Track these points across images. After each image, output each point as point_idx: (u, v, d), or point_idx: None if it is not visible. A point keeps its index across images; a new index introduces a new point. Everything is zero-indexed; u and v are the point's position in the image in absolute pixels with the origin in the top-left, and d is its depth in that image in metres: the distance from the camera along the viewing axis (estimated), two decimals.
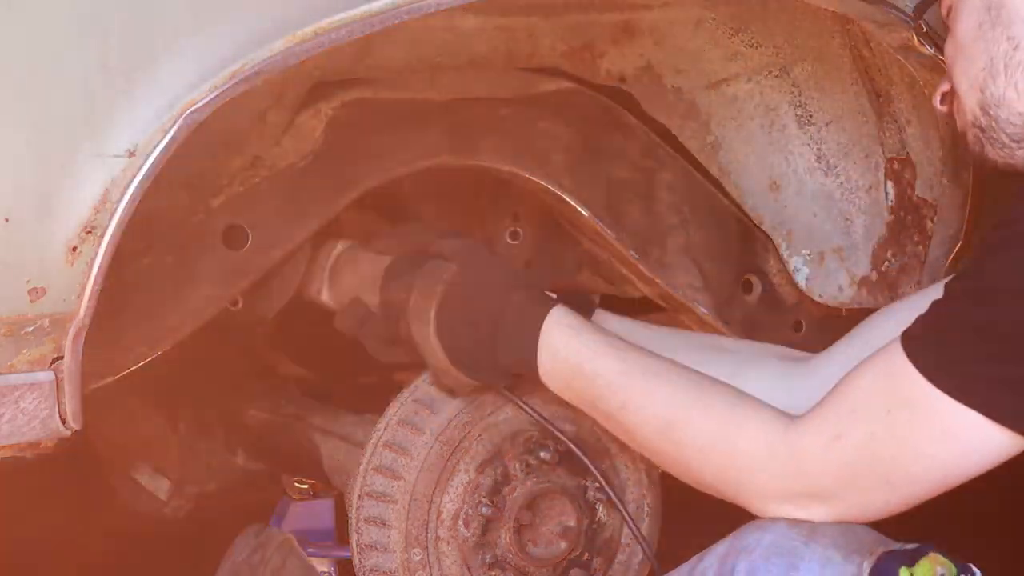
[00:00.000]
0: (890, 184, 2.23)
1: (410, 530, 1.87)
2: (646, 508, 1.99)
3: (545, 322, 1.79)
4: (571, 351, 1.77)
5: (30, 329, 1.65)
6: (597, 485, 1.93)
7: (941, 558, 1.67)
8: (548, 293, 1.85)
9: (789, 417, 1.68)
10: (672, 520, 2.06)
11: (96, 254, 1.65)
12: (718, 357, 2.00)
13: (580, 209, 2.10)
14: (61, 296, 1.65)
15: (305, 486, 2.23)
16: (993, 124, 1.74)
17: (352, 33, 1.69)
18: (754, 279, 2.24)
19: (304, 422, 2.19)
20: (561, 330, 1.79)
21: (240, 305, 2.39)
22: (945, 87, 1.82)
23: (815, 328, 2.30)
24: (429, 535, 1.88)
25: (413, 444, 1.89)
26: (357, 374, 2.81)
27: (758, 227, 2.22)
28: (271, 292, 2.04)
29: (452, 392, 1.90)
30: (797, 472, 1.65)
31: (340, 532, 2.13)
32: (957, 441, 1.58)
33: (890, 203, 2.23)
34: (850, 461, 1.62)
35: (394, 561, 1.88)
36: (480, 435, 1.89)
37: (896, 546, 1.65)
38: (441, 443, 1.88)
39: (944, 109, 1.83)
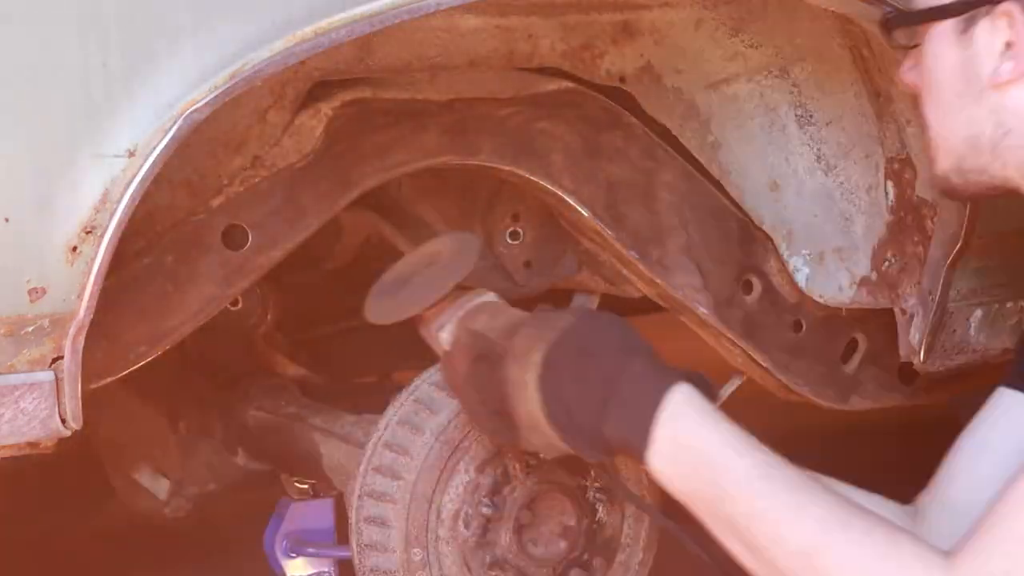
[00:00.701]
0: (890, 184, 2.23)
1: (410, 530, 1.87)
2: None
3: (669, 398, 1.57)
4: (700, 437, 1.55)
5: (30, 329, 1.65)
6: (597, 485, 1.94)
7: None
8: (672, 367, 1.62)
9: (945, 553, 1.47)
10: (671, 519, 2.06)
11: (96, 254, 1.65)
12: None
13: (580, 209, 2.10)
14: (61, 296, 1.65)
15: (305, 486, 2.23)
16: (967, 179, 1.73)
17: (352, 33, 1.69)
18: (754, 279, 2.24)
19: (304, 422, 2.19)
20: (690, 411, 1.57)
21: (240, 305, 2.40)
22: (911, 63, 1.78)
23: (815, 328, 2.30)
24: (429, 535, 1.88)
25: (413, 444, 1.89)
26: (357, 374, 2.82)
27: (758, 227, 2.22)
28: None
29: (536, 454, 1.75)
30: None
31: (340, 532, 2.13)
32: None
33: (890, 203, 2.23)
34: None
35: (394, 561, 1.88)
36: (480, 435, 1.89)
37: None
38: (441, 443, 1.88)
39: (909, 81, 1.79)
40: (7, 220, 1.61)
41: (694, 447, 1.56)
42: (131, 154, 1.64)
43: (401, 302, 1.86)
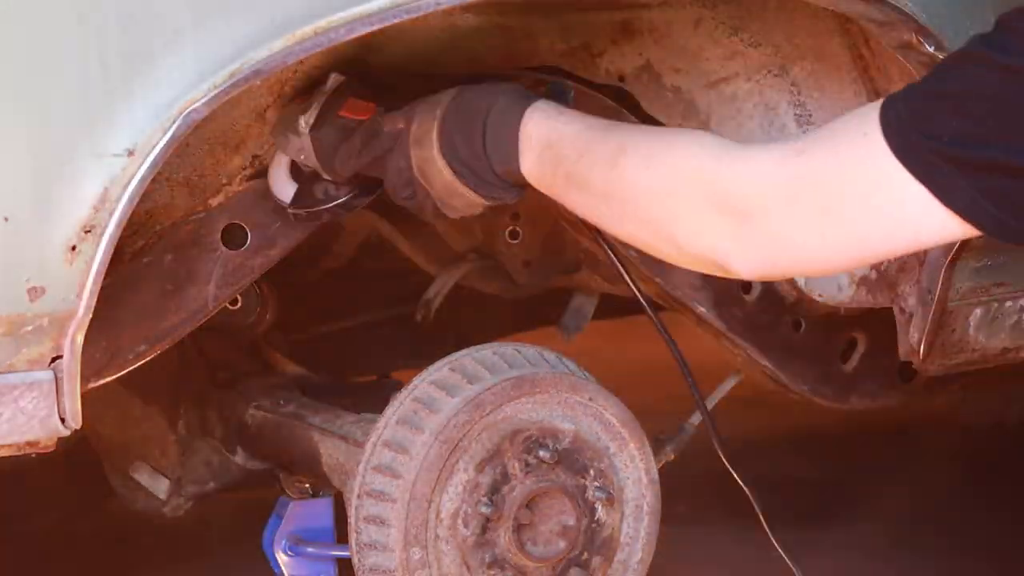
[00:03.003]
0: None
1: (409, 529, 1.87)
2: (645, 507, 1.99)
3: (527, 115, 1.79)
4: (543, 130, 1.77)
5: (29, 328, 1.65)
6: (597, 484, 1.94)
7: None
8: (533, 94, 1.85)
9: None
10: (672, 519, 2.07)
11: (95, 253, 1.65)
12: None
13: None
14: (60, 295, 1.65)
15: (304, 485, 2.23)
16: None
17: (351, 32, 1.69)
18: None
19: (303, 421, 2.19)
20: (537, 117, 1.78)
21: (239, 304, 2.40)
22: None
23: (814, 328, 2.30)
24: (428, 534, 1.88)
25: (412, 443, 1.89)
26: (356, 373, 2.82)
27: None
28: None
29: (463, 213, 1.89)
30: (743, 177, 1.61)
31: (339, 531, 2.13)
32: (900, 206, 1.55)
33: None
34: (801, 175, 1.59)
35: (393, 560, 1.88)
36: (479, 434, 1.89)
37: None
38: (440, 442, 1.88)
39: None
40: (7, 219, 1.61)
41: (541, 138, 1.76)
42: (130, 153, 1.64)
43: None
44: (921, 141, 1.54)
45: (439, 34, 1.95)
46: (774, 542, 1.87)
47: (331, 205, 1.96)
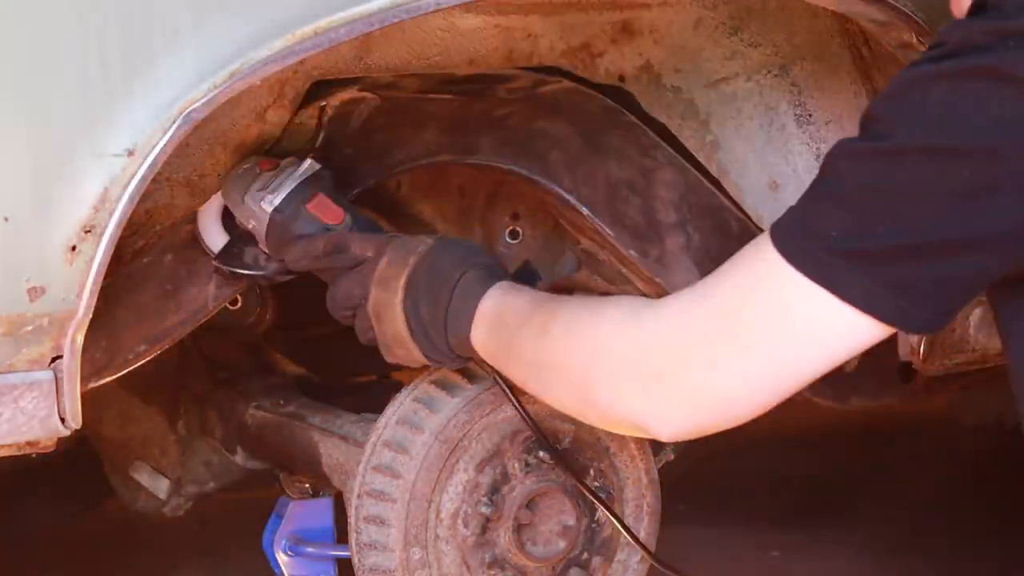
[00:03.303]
0: None
1: (409, 529, 1.87)
2: (645, 507, 1.99)
3: (486, 293, 1.78)
4: (495, 305, 1.76)
5: (29, 328, 1.65)
6: (597, 484, 1.94)
7: None
8: (503, 271, 1.84)
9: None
10: (672, 519, 2.07)
11: (95, 253, 1.65)
12: None
13: (579, 208, 2.10)
14: (60, 295, 1.65)
15: (304, 485, 2.23)
16: None
17: (351, 32, 1.69)
18: None
19: (303, 421, 2.19)
20: (495, 294, 1.77)
21: (239, 304, 2.40)
22: None
23: None
24: (428, 534, 1.88)
25: (412, 443, 1.89)
26: (356, 373, 2.81)
27: (758, 226, 2.22)
28: None
29: (398, 361, 1.88)
30: (654, 338, 1.59)
31: (339, 531, 2.13)
32: (809, 318, 1.51)
33: None
34: (707, 317, 1.56)
35: (393, 560, 1.88)
36: (479, 434, 1.89)
37: None
38: (440, 442, 1.88)
39: None
40: (6, 219, 1.61)
41: (498, 311, 1.76)
42: (130, 153, 1.64)
43: None
44: (811, 243, 1.51)
45: (439, 34, 1.95)
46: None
47: (257, 274, 1.94)
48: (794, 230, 1.53)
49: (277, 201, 1.86)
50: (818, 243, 1.51)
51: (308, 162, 1.89)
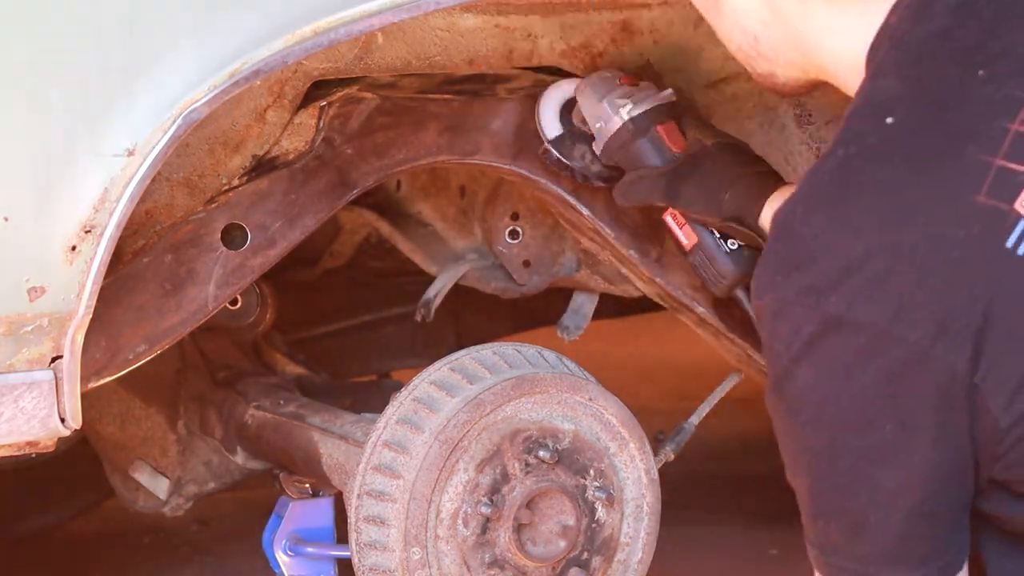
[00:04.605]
0: None
1: (409, 529, 1.87)
2: (645, 507, 1.99)
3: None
4: None
5: (29, 328, 1.65)
6: (597, 484, 1.94)
7: None
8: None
9: None
10: (672, 520, 2.07)
11: (95, 253, 1.65)
12: None
13: (579, 208, 2.11)
14: (60, 295, 1.65)
15: (304, 485, 2.23)
16: (771, 83, 1.80)
17: (351, 32, 1.69)
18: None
19: (303, 421, 2.19)
20: None
21: (239, 304, 2.40)
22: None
23: None
24: (428, 534, 1.88)
25: (412, 443, 1.89)
26: (356, 373, 2.82)
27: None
28: None
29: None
30: None
31: (339, 531, 2.13)
32: None
33: None
34: None
35: (393, 560, 1.88)
36: (479, 434, 1.89)
37: None
38: (440, 442, 1.88)
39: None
40: (6, 219, 1.61)
41: None
42: (130, 153, 1.64)
43: None
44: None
45: (439, 34, 1.95)
46: None
47: (579, 168, 2.04)
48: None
49: (637, 112, 1.98)
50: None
51: (670, 90, 2.01)
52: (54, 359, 1.68)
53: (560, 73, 2.09)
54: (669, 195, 1.96)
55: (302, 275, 2.67)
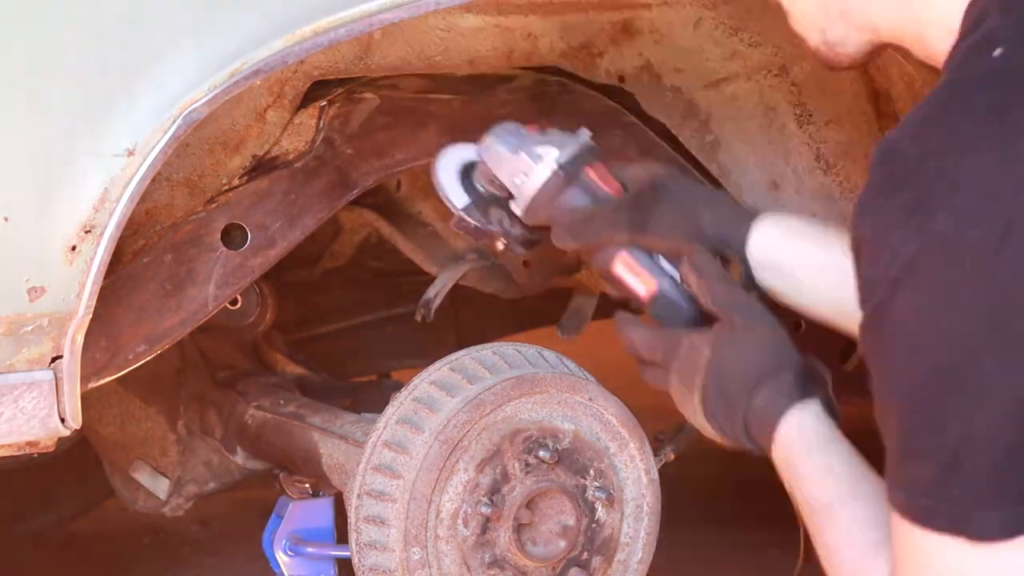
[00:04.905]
0: None
1: (409, 529, 1.87)
2: (645, 507, 1.99)
3: (783, 421, 1.71)
4: (794, 461, 1.70)
5: (29, 328, 1.65)
6: (597, 484, 1.94)
7: None
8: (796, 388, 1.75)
9: None
10: (672, 520, 2.07)
11: (95, 253, 1.65)
12: None
13: None
14: (60, 295, 1.65)
15: (304, 485, 2.23)
16: (837, 51, 1.68)
17: (351, 32, 1.69)
18: None
19: (303, 421, 2.19)
20: (793, 437, 1.71)
21: (239, 304, 2.40)
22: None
23: (814, 327, 2.30)
24: (428, 534, 1.88)
25: (412, 443, 1.89)
26: (356, 373, 2.81)
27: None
28: None
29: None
30: None
31: (340, 531, 2.13)
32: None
33: None
34: None
35: (393, 560, 1.88)
36: (479, 434, 1.89)
37: None
38: (440, 442, 1.88)
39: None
40: (6, 219, 1.61)
41: (791, 468, 1.70)
42: (130, 153, 1.64)
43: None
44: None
45: (439, 34, 1.95)
46: None
47: (500, 235, 1.88)
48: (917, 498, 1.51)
49: (564, 158, 1.80)
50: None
51: (585, 130, 1.84)
52: (54, 359, 1.68)
53: (560, 73, 2.09)
54: (634, 226, 1.80)
55: (302, 275, 2.67)
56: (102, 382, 1.87)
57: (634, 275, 1.81)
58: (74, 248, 1.64)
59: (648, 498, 1.99)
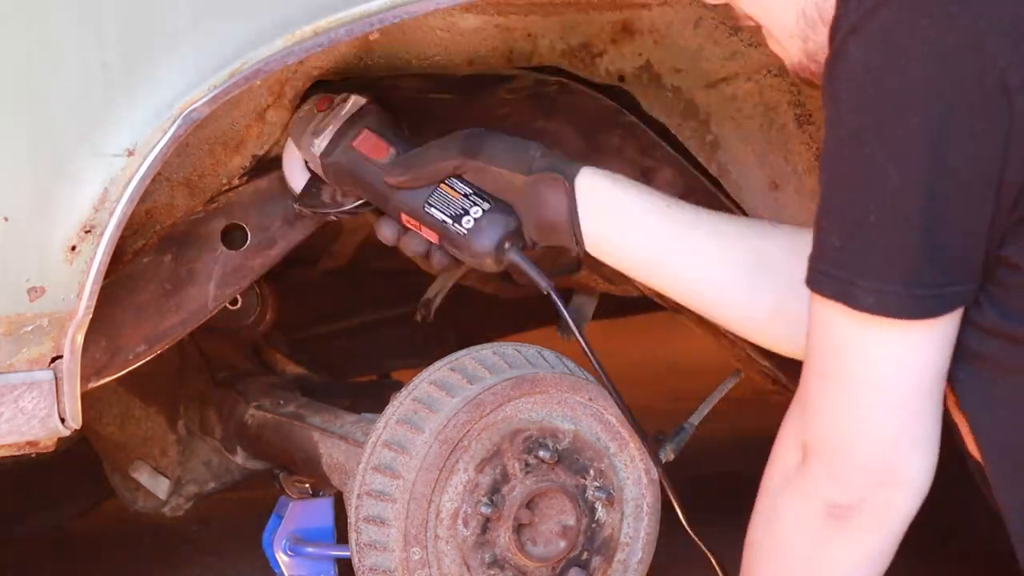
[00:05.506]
0: None
1: (409, 529, 1.87)
2: (645, 507, 1.99)
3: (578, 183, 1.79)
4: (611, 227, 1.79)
5: (29, 328, 1.65)
6: (597, 484, 1.94)
7: None
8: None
9: None
10: (672, 520, 2.07)
11: (95, 253, 1.65)
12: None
13: None
14: (60, 295, 1.65)
15: (304, 485, 2.23)
16: (820, 62, 1.62)
17: (351, 32, 1.69)
18: None
19: (303, 421, 2.19)
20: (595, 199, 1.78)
21: (239, 304, 2.40)
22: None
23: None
24: (428, 534, 1.88)
25: (412, 443, 1.89)
26: (356, 373, 2.82)
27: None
28: None
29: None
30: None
31: (339, 531, 2.13)
32: (861, 344, 1.52)
33: None
34: (819, 380, 1.59)
35: (393, 560, 1.88)
36: (479, 434, 1.89)
37: None
38: (440, 442, 1.88)
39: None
40: (6, 219, 1.61)
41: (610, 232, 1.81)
42: (130, 153, 1.64)
43: None
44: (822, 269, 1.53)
45: (439, 34, 1.95)
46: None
47: (334, 211, 1.96)
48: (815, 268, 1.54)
49: (324, 145, 1.88)
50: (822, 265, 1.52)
51: (352, 98, 1.89)
52: (54, 359, 1.68)
53: (560, 73, 2.09)
54: (468, 151, 1.85)
55: (302, 275, 2.67)
56: (102, 382, 1.87)
57: (416, 229, 1.93)
58: (74, 248, 1.64)
59: (648, 498, 1.99)
